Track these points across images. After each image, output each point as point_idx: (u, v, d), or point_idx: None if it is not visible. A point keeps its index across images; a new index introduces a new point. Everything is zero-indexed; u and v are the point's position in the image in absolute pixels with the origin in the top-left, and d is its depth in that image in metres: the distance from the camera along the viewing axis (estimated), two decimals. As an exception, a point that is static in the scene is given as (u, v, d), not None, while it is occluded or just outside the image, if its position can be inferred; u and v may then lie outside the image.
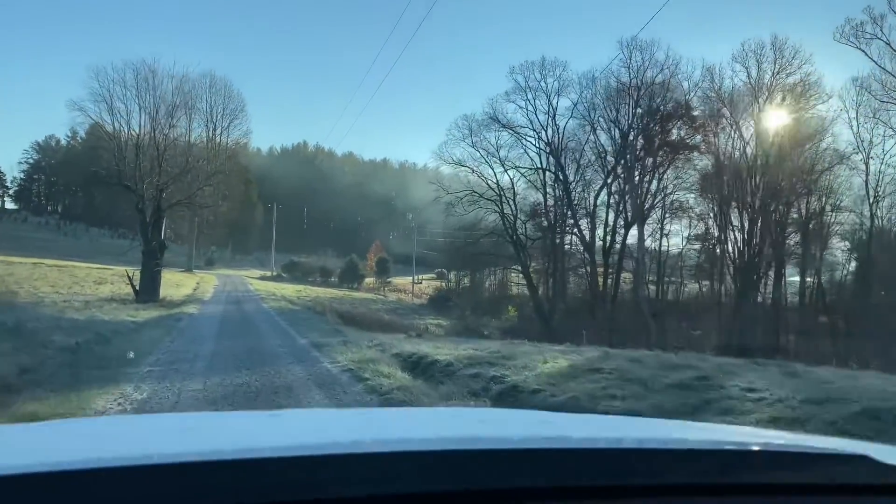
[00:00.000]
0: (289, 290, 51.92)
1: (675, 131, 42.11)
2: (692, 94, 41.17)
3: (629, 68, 40.20)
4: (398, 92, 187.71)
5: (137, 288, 29.05)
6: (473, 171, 40.78)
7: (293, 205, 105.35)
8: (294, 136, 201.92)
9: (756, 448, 1.27)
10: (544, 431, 1.55)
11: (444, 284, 64.67)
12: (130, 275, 29.32)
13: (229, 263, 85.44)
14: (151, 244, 28.52)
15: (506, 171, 40.61)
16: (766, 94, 40.52)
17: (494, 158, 40.79)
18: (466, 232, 72.64)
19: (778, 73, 40.24)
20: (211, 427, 1.68)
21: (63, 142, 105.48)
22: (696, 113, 41.58)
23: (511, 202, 40.88)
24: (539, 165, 41.48)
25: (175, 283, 45.42)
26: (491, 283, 66.05)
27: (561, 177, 41.61)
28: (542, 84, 40.29)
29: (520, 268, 42.11)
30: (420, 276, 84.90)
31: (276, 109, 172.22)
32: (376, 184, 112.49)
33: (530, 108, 40.54)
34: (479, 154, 40.68)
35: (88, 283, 39.60)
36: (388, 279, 73.59)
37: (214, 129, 59.93)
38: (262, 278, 67.38)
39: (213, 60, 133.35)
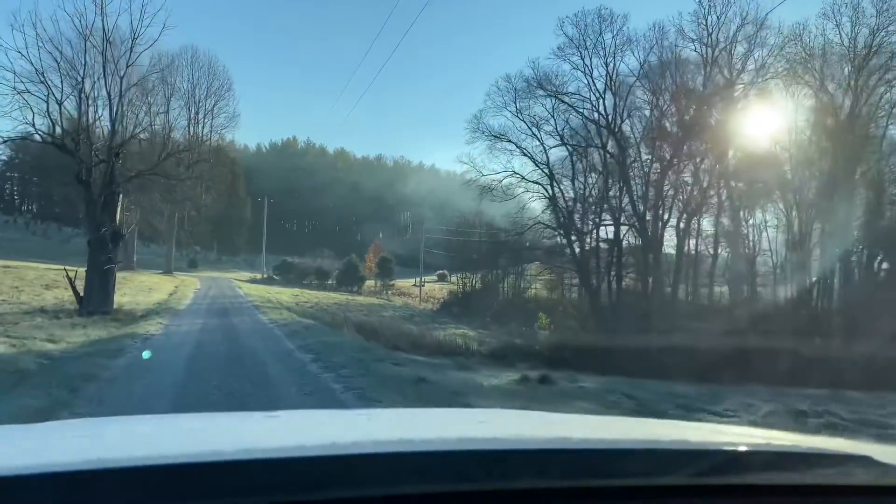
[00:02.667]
0: (285, 294, 42.62)
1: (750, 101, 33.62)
2: (773, 57, 32.60)
3: (705, 23, 31.60)
4: (393, 85, 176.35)
5: (82, 294, 19.77)
6: (518, 147, 31.75)
7: (283, 203, 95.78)
8: (283, 131, 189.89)
9: (758, 448, 1.24)
10: (544, 432, 1.51)
11: (459, 287, 55.61)
12: (72, 276, 20.02)
13: (215, 265, 75.52)
14: (101, 231, 19.23)
15: (564, 144, 31.76)
16: (864, 55, 32.21)
17: (550, 131, 31.88)
18: (475, 230, 63.97)
19: (878, 31, 31.95)
20: (210, 428, 1.60)
21: (38, 138, 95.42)
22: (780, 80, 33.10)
23: (571, 183, 31.99)
24: (597, 142, 32.65)
25: (147, 287, 35.96)
26: (504, 287, 57.27)
27: (620, 157, 32.85)
28: (601, 40, 31.45)
29: (572, 268, 33.22)
30: (417, 279, 76.38)
31: (263, 104, 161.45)
32: (371, 181, 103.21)
33: (586, 68, 31.67)
34: (524, 125, 31.66)
35: (34, 287, 30.25)
36: (392, 282, 64.41)
37: (197, 112, 50.67)
38: (252, 281, 57.85)
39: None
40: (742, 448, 1.22)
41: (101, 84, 19.91)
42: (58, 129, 18.58)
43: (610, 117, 32.73)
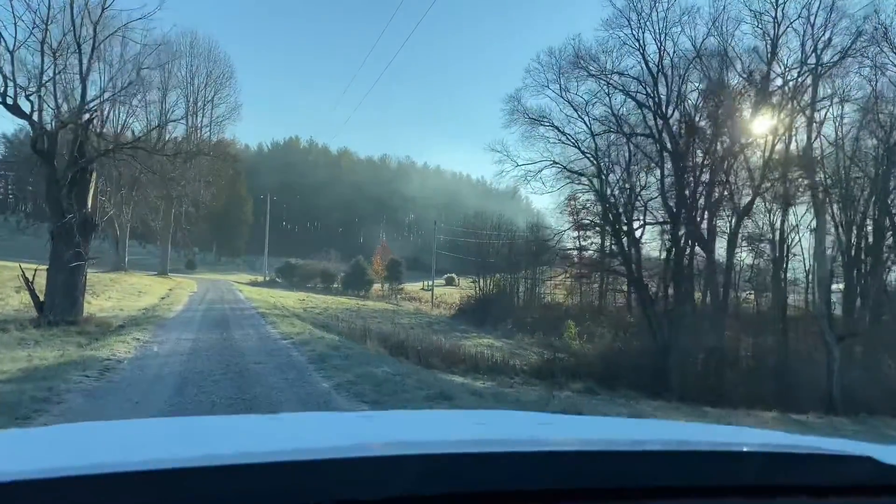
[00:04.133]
0: (289, 299, 38.05)
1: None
2: (848, 35, 28.19)
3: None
4: (398, 85, 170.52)
5: (42, 299, 15.20)
6: (561, 133, 27.24)
7: (285, 205, 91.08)
8: (285, 131, 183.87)
9: (758, 449, 1.22)
10: (544, 434, 1.48)
11: (477, 291, 51.08)
12: (30, 277, 15.46)
13: (214, 266, 70.79)
14: (66, 218, 14.68)
15: (621, 132, 27.30)
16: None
17: (598, 116, 27.42)
18: (492, 232, 59.42)
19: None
20: (213, 431, 1.53)
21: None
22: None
23: (626, 175, 27.47)
24: (648, 131, 28.20)
25: (136, 290, 31.39)
26: (521, 292, 52.71)
27: (674, 149, 28.45)
28: (655, 9, 27.04)
29: (622, 272, 28.68)
30: (427, 283, 72.18)
31: (265, 103, 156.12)
32: (374, 182, 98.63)
33: (637, 45, 27.27)
34: (568, 106, 27.20)
35: (5, 289, 25.67)
36: (400, 286, 59.87)
37: (196, 102, 46.11)
38: (254, 284, 53.18)
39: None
40: (742, 448, 1.20)
41: (71, 36, 15.28)
42: (10, 87, 13.93)
43: (664, 103, 28.34)
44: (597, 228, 34.22)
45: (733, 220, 30.36)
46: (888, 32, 28.05)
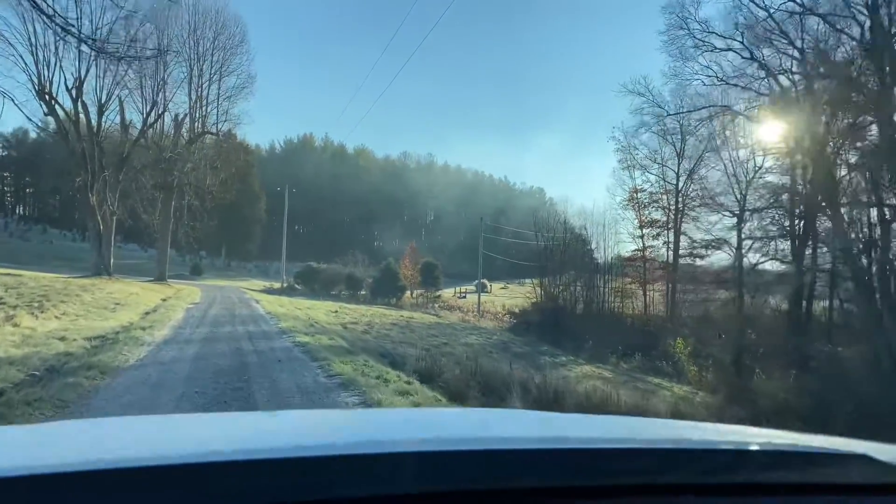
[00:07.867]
0: (319, 311, 28.13)
1: None
2: None
3: None
4: (416, 81, 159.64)
5: None
6: (754, 61, 17.42)
7: (299, 205, 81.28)
8: (298, 128, 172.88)
9: (758, 448, 1.17)
10: (543, 432, 1.43)
11: (541, 300, 41.11)
12: None
13: (223, 272, 60.83)
14: None
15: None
16: None
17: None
18: (545, 232, 49.65)
19: None
20: (210, 428, 1.48)
21: (32, 135, 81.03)
22: None
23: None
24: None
25: (113, 303, 21.31)
26: (595, 299, 42.81)
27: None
28: None
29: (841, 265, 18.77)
30: (458, 288, 62.80)
31: (277, 102, 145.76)
32: (393, 182, 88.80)
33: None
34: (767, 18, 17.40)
35: None
36: (438, 292, 50.02)
37: (200, 73, 36.27)
38: (269, 291, 43.33)
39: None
40: (741, 447, 1.17)
41: None
42: None
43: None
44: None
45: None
46: None
